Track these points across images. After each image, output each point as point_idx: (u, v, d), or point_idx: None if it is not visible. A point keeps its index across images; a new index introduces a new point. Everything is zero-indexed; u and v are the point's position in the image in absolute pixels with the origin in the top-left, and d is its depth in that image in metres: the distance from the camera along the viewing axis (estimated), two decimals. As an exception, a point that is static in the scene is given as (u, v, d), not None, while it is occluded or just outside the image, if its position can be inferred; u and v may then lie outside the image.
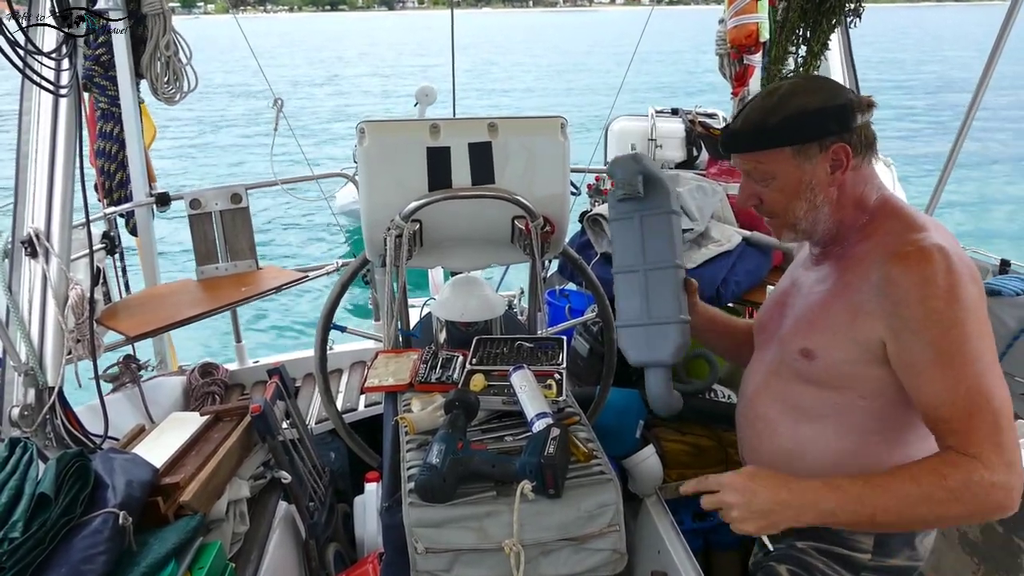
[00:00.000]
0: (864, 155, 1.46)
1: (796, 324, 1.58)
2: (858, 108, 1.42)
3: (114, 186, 3.42)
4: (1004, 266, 2.68)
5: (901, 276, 1.33)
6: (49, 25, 2.10)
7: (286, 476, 2.17)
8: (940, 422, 1.34)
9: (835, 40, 2.60)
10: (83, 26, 2.17)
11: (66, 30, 2.12)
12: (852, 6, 2.33)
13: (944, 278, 1.30)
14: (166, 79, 3.23)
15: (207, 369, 3.40)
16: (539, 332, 2.37)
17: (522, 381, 1.69)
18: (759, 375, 1.69)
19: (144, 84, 3.28)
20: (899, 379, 1.40)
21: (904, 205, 1.49)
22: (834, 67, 2.84)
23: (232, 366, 3.57)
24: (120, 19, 3.06)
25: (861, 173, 1.47)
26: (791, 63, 2.66)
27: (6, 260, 2.19)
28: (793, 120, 1.41)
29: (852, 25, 2.47)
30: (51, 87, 2.12)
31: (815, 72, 2.56)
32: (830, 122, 1.40)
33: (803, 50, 2.54)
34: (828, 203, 1.47)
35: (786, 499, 1.34)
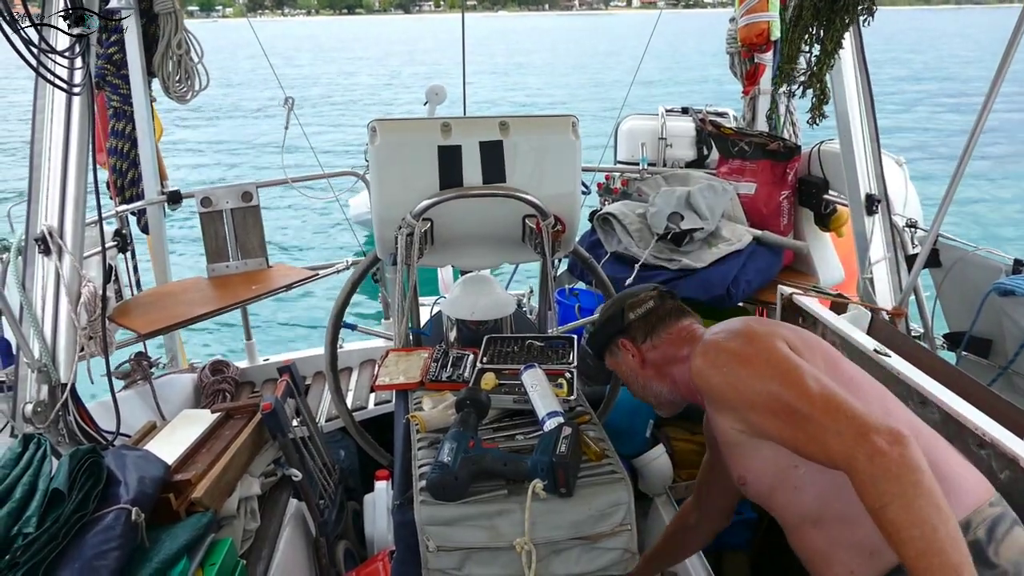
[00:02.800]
0: (653, 333, 1.75)
1: (728, 467, 1.69)
2: (631, 309, 1.77)
3: (126, 184, 3.43)
4: (1018, 266, 2.65)
5: (695, 382, 1.55)
6: (61, 30, 2.11)
7: (297, 474, 2.17)
8: (804, 454, 1.38)
9: (847, 39, 2.58)
10: (95, 25, 2.18)
11: (79, 29, 2.13)
12: (865, 4, 2.31)
13: (706, 359, 1.51)
14: (178, 77, 3.24)
15: (218, 367, 3.41)
16: (549, 331, 2.37)
17: (533, 380, 1.69)
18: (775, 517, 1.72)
19: (156, 82, 3.30)
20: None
21: (700, 331, 1.72)
22: (846, 66, 2.82)
23: (243, 364, 3.58)
24: (130, 15, 3.07)
25: (661, 342, 1.74)
26: (803, 62, 2.64)
27: (20, 258, 2.21)
28: (594, 334, 1.84)
29: (865, 23, 2.45)
30: (64, 86, 2.13)
31: (829, 71, 2.54)
32: (609, 327, 1.79)
33: (816, 49, 2.51)
34: (652, 378, 1.75)
35: None
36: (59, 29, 2.10)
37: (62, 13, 2.08)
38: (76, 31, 2.10)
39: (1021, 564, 1.39)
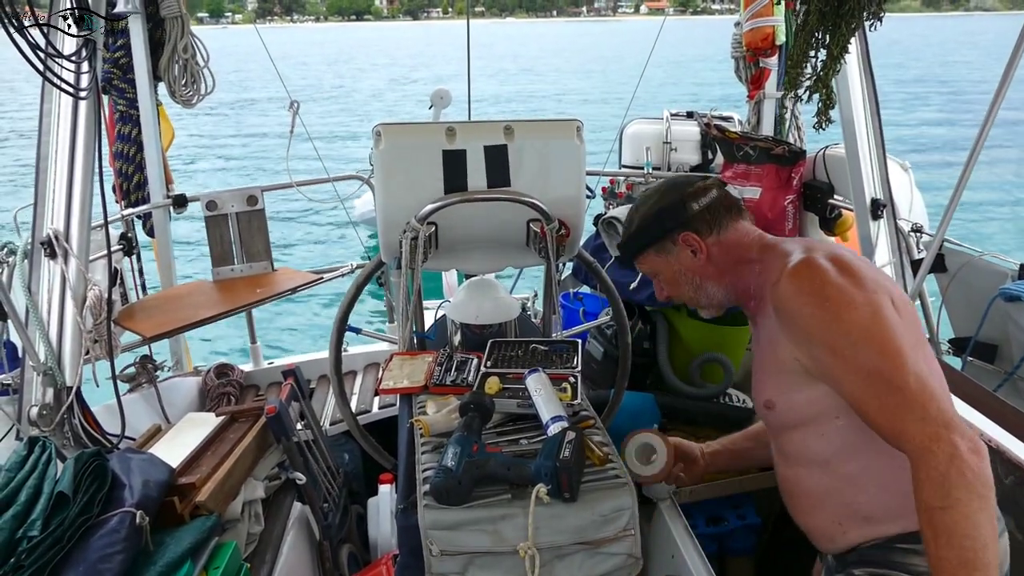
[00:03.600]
0: (717, 228, 1.65)
1: (756, 383, 1.66)
2: (692, 198, 1.65)
3: (132, 188, 3.44)
4: (1023, 271, 2.65)
5: (781, 297, 1.46)
6: (68, 33, 2.12)
7: (301, 477, 2.17)
8: (869, 421, 1.35)
9: (853, 43, 2.58)
10: (102, 29, 2.19)
11: (85, 33, 2.14)
12: (872, 9, 2.31)
13: (809, 283, 1.42)
14: (184, 82, 3.25)
15: (222, 370, 3.42)
16: (553, 335, 2.37)
17: (537, 384, 1.69)
18: (772, 443, 1.72)
19: (162, 86, 3.31)
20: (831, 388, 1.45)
21: (780, 240, 1.62)
22: (852, 71, 2.82)
23: (247, 367, 3.58)
24: (136, 18, 3.08)
25: (727, 239, 1.65)
26: (809, 67, 2.64)
27: (26, 261, 2.21)
28: (642, 227, 1.71)
29: (872, 28, 2.45)
30: (71, 90, 2.13)
31: (835, 76, 2.54)
32: (667, 220, 1.67)
33: (823, 54, 2.51)
34: (709, 278, 1.67)
35: None
36: (66, 32, 2.11)
37: (67, 12, 2.08)
38: (82, 35, 2.11)
39: (1003, 565, 1.43)
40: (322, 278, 3.43)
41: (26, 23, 1.87)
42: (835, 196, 3.22)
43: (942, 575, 1.21)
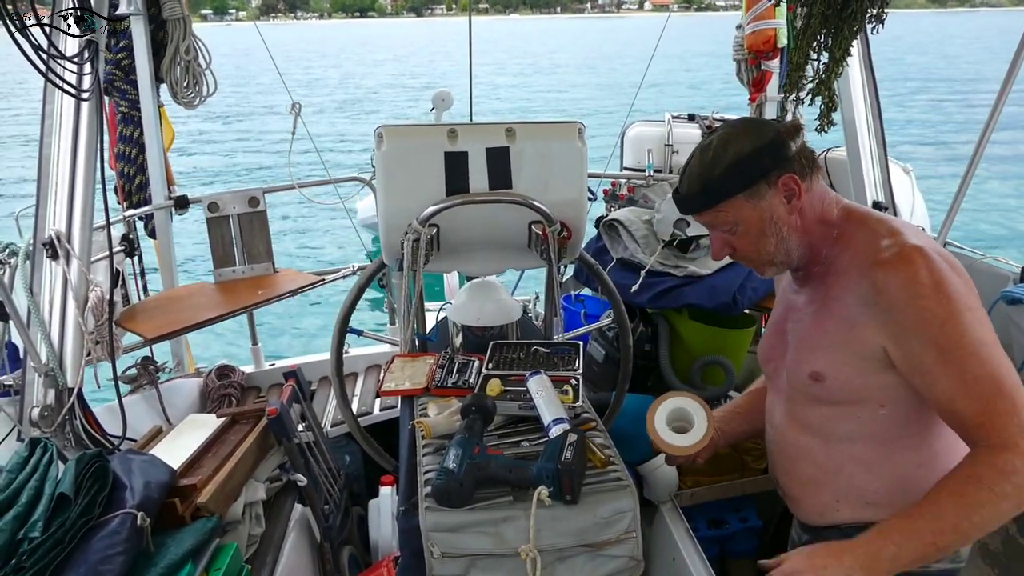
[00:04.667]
0: (811, 175, 1.49)
1: (799, 349, 1.60)
2: (788, 136, 1.47)
3: (133, 189, 3.44)
4: (1025, 274, 2.65)
5: (886, 281, 1.36)
6: (71, 34, 2.12)
7: (302, 479, 2.17)
8: (958, 419, 1.35)
9: (855, 46, 2.58)
10: (104, 30, 2.20)
11: (87, 34, 2.14)
12: (875, 11, 2.31)
13: (928, 276, 1.34)
14: (186, 83, 3.25)
15: (224, 371, 3.42)
16: (555, 337, 2.36)
17: (539, 386, 1.69)
18: (779, 404, 1.70)
19: (164, 88, 3.31)
20: (910, 382, 1.42)
21: (869, 211, 1.53)
22: (853, 74, 2.82)
23: (248, 369, 3.58)
24: (138, 19, 3.08)
25: (815, 192, 1.51)
26: (810, 69, 2.65)
27: (27, 262, 2.22)
28: (734, 168, 1.46)
29: (874, 31, 2.45)
30: (73, 91, 2.14)
31: (837, 78, 2.54)
32: (766, 159, 1.45)
33: (825, 56, 2.51)
34: (794, 231, 1.51)
35: (851, 563, 1.36)
36: (67, 32, 2.11)
37: (68, 13, 2.09)
38: (84, 36, 2.12)
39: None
40: (323, 280, 3.43)
41: (28, 23, 1.87)
42: (837, 199, 3.22)
43: (931, 521, 1.30)
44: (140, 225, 3.51)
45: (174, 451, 1.99)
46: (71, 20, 2.10)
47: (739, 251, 1.56)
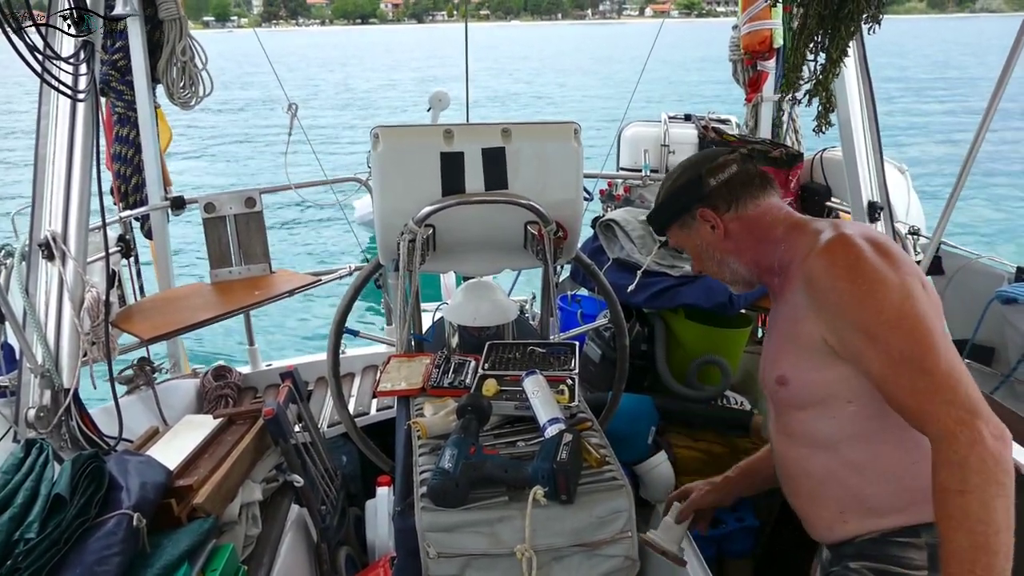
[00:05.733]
0: (735, 203, 1.63)
1: (768, 359, 1.64)
2: (711, 173, 1.64)
3: (130, 190, 3.44)
4: (1020, 274, 2.66)
5: (812, 271, 1.44)
6: (66, 32, 2.12)
7: (298, 479, 2.17)
8: (897, 402, 1.35)
9: (851, 48, 2.58)
10: (100, 31, 2.20)
11: (83, 35, 2.14)
12: (871, 12, 2.31)
13: (844, 258, 1.40)
14: (182, 84, 3.25)
15: (220, 372, 3.41)
16: (551, 337, 2.37)
17: (534, 386, 1.69)
18: (772, 422, 1.71)
19: (160, 89, 3.31)
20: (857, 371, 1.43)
21: (807, 219, 1.61)
22: (849, 75, 2.83)
23: (245, 369, 3.58)
24: (134, 20, 3.08)
25: (748, 215, 1.63)
26: (807, 70, 2.65)
27: (23, 263, 2.21)
28: (663, 204, 1.74)
29: (870, 32, 2.45)
30: (69, 91, 2.14)
31: (834, 79, 2.55)
32: (683, 197, 1.68)
33: (822, 57, 2.52)
34: (730, 253, 1.66)
35: None
36: (63, 31, 2.11)
37: (65, 14, 2.09)
38: (80, 36, 2.11)
39: None
40: (320, 280, 3.43)
41: (24, 24, 1.87)
42: (832, 199, 3.23)
43: (954, 558, 1.21)
44: (136, 226, 3.51)
45: (170, 452, 1.99)
46: (67, 21, 2.10)
47: (700, 270, 1.77)
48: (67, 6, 2.11)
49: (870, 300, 1.36)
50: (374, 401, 3.32)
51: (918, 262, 2.84)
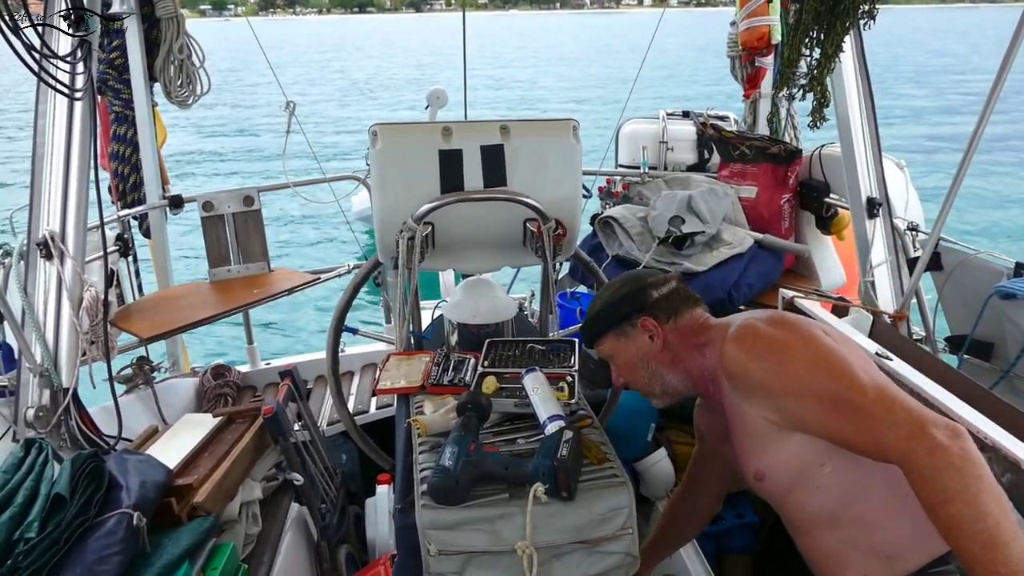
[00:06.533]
0: (674, 315, 1.70)
1: (739, 464, 1.67)
2: (653, 287, 1.72)
3: (127, 189, 3.44)
4: (1019, 269, 2.65)
5: (727, 367, 1.53)
6: (64, 31, 2.11)
7: (298, 478, 2.17)
8: (856, 446, 1.37)
9: (848, 42, 2.58)
10: (97, 30, 2.19)
11: (80, 34, 2.13)
12: (866, 7, 2.31)
13: (747, 342, 1.49)
14: (179, 82, 3.25)
15: (219, 371, 3.41)
16: (551, 334, 2.37)
17: (534, 383, 1.69)
18: (781, 516, 1.70)
19: (157, 87, 3.31)
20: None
21: (718, 320, 1.70)
22: (847, 70, 2.83)
23: (244, 368, 3.58)
24: (131, 18, 3.08)
25: (682, 326, 1.69)
26: (804, 65, 2.65)
27: (22, 262, 2.21)
28: (602, 313, 1.75)
29: (866, 27, 2.45)
30: (66, 90, 2.13)
31: (830, 74, 2.55)
32: (626, 305, 1.71)
33: (817, 52, 2.52)
34: (665, 364, 1.70)
35: None
36: (60, 30, 2.11)
37: (63, 13, 2.08)
38: (78, 35, 2.11)
39: None
40: (319, 278, 3.43)
41: (21, 24, 1.86)
42: (831, 195, 3.23)
43: (976, 566, 1.20)
44: (135, 225, 3.51)
45: (170, 451, 1.99)
46: (65, 20, 2.09)
47: (627, 382, 1.78)
48: (64, 6, 2.10)
49: (782, 366, 1.43)
50: (374, 399, 3.32)
51: (917, 258, 2.84)
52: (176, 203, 3.42)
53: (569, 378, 1.84)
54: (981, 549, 1.19)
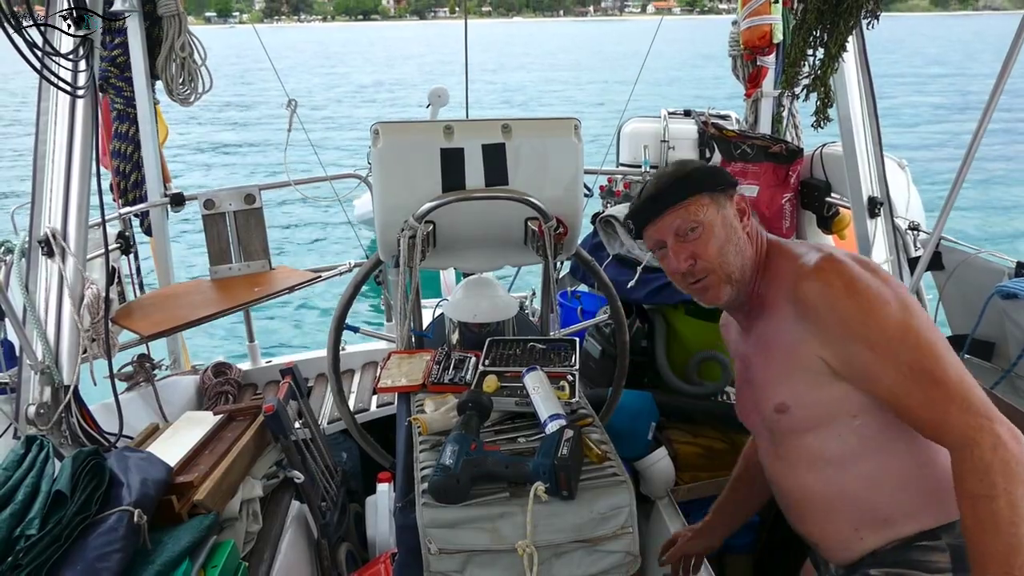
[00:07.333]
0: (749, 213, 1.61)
1: (760, 390, 1.62)
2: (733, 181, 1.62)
3: (129, 186, 3.44)
4: (1020, 268, 2.65)
5: (805, 294, 1.43)
6: (65, 31, 2.11)
7: (299, 476, 2.17)
8: (911, 416, 1.35)
9: (850, 41, 2.58)
10: (98, 26, 2.19)
11: (82, 32, 2.13)
12: (870, 7, 2.31)
13: (838, 279, 1.40)
14: (181, 80, 3.25)
15: (220, 369, 3.42)
16: (551, 333, 2.37)
17: (535, 382, 1.69)
18: (769, 455, 1.69)
19: (159, 85, 3.31)
20: (860, 389, 1.43)
21: (788, 242, 1.61)
22: (849, 69, 2.83)
23: (245, 366, 3.58)
24: (133, 16, 3.08)
25: (754, 226, 1.61)
26: (806, 65, 2.65)
27: (23, 260, 2.21)
28: (704, 171, 1.60)
29: (869, 27, 2.45)
30: (68, 88, 2.13)
31: (833, 73, 2.54)
32: (719, 176, 1.59)
33: (820, 52, 2.51)
34: (748, 245, 1.58)
35: None
36: (62, 31, 2.11)
37: (65, 11, 2.08)
38: (80, 33, 2.11)
39: None
40: (320, 277, 3.43)
41: (24, 22, 1.86)
42: (832, 194, 3.23)
43: (992, 562, 1.21)
44: (136, 222, 3.51)
45: (171, 448, 1.99)
46: (67, 18, 2.09)
47: (701, 260, 1.57)
48: (67, 4, 2.10)
49: (872, 317, 1.36)
50: (374, 397, 3.32)
51: (917, 257, 2.84)
52: (177, 201, 3.42)
53: (570, 377, 1.84)
54: (1006, 549, 1.20)
